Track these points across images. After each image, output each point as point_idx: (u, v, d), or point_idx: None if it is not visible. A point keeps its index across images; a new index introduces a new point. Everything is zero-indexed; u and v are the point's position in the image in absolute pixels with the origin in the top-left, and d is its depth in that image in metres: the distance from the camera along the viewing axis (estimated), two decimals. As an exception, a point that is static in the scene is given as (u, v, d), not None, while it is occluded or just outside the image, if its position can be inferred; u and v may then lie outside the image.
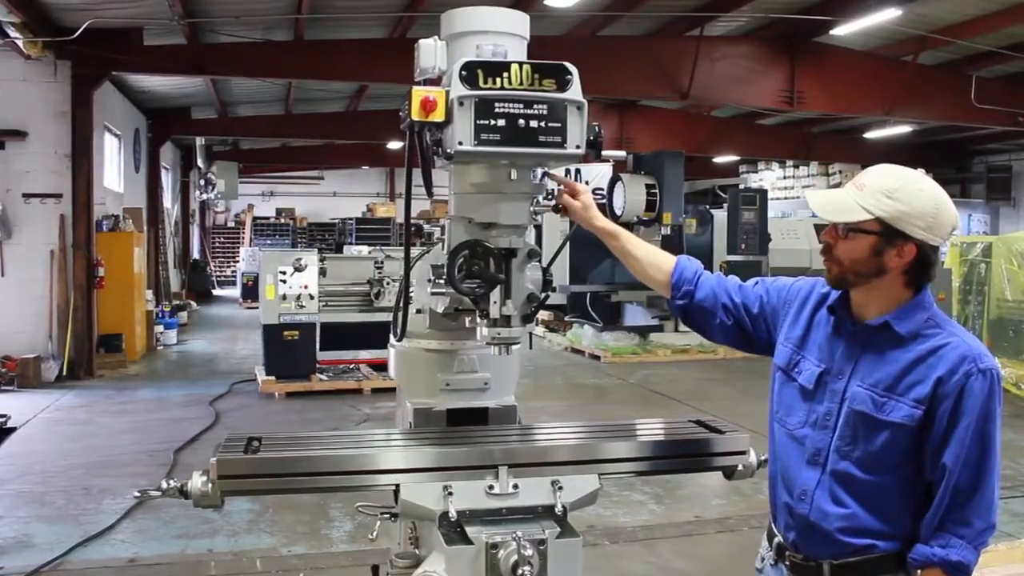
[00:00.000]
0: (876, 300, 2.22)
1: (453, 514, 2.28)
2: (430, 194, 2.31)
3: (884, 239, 2.13)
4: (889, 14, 11.77)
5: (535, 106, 2.20)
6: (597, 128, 2.34)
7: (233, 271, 27.96)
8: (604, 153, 2.43)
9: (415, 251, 2.81)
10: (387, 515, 2.54)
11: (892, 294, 2.20)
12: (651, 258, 2.60)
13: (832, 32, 13.11)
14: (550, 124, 2.21)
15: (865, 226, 2.14)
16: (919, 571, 2.13)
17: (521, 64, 2.21)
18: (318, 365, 11.06)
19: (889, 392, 2.15)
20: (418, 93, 2.18)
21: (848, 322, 2.27)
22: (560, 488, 2.38)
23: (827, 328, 2.31)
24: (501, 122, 2.17)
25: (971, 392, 2.08)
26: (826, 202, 2.23)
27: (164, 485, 2.33)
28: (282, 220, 30.34)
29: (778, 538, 2.38)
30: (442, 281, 2.39)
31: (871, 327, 2.21)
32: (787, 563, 2.33)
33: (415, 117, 2.18)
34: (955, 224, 2.20)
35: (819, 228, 14.14)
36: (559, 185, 2.52)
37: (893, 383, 2.15)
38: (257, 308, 11.83)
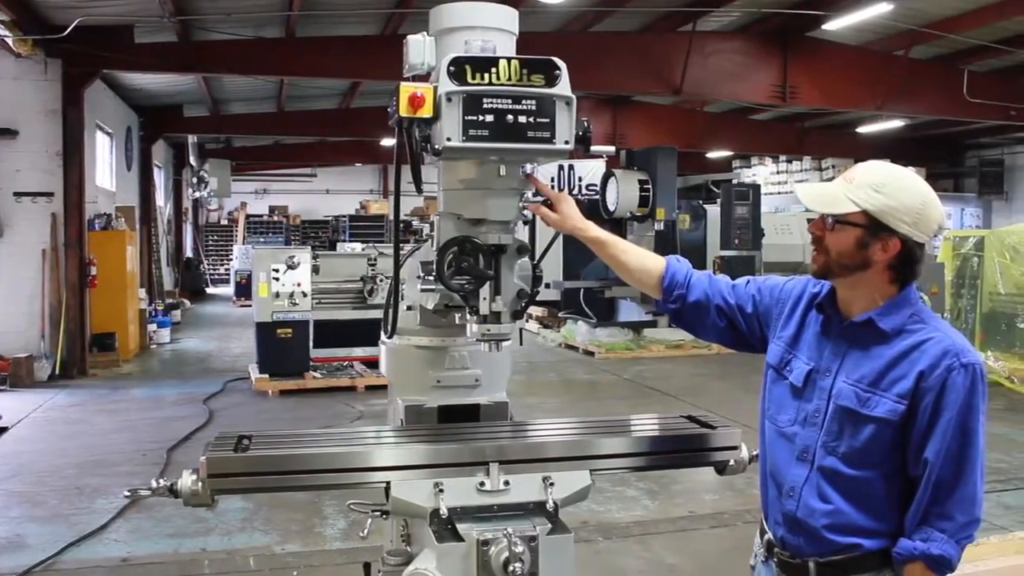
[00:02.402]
0: (861, 296, 2.23)
1: (444, 511, 2.28)
2: (419, 190, 2.30)
3: (869, 232, 2.15)
4: (881, 8, 11.79)
5: (523, 101, 2.19)
6: (586, 123, 2.33)
7: (226, 269, 27.92)
8: (593, 148, 2.42)
9: (406, 248, 2.80)
10: (379, 513, 2.54)
11: (877, 289, 2.22)
12: (640, 262, 2.57)
13: (824, 27, 13.12)
14: (539, 119, 2.20)
15: (851, 218, 2.16)
16: (903, 566, 2.14)
17: (509, 60, 2.21)
18: (311, 363, 11.06)
19: (873, 388, 2.17)
20: (406, 89, 2.18)
21: (835, 319, 2.29)
22: (551, 484, 2.38)
23: (816, 327, 2.33)
24: (489, 118, 2.17)
25: (953, 386, 2.09)
26: (815, 194, 2.25)
27: (154, 484, 2.33)
28: (275, 218, 30.29)
29: (768, 535, 2.39)
30: (432, 278, 2.39)
31: (856, 324, 2.23)
32: (776, 560, 2.35)
33: (403, 113, 2.18)
34: (941, 223, 2.22)
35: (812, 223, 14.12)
36: (536, 194, 2.51)
37: (877, 378, 2.17)
38: (250, 306, 11.84)
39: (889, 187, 2.15)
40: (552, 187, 2.56)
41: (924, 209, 2.16)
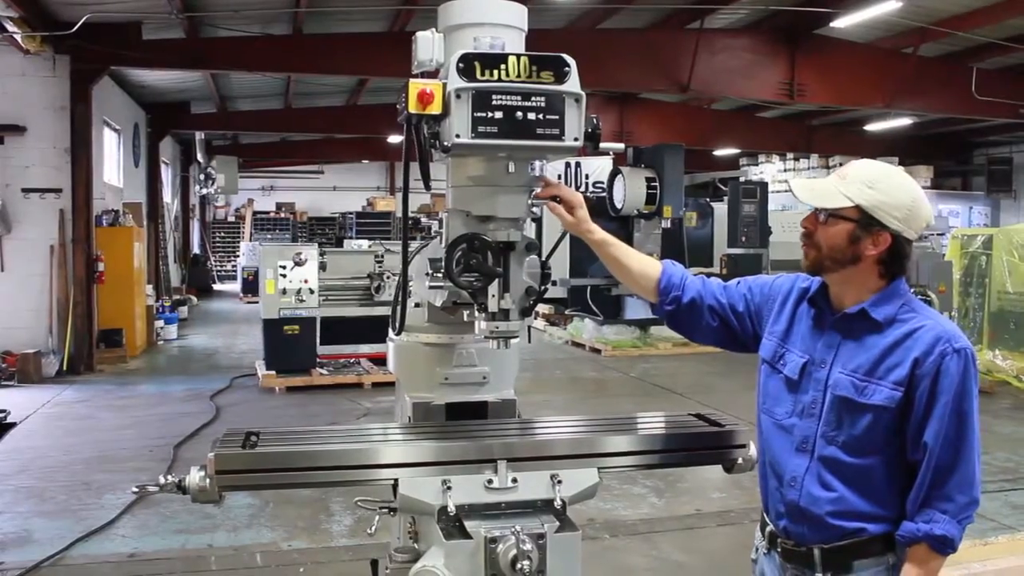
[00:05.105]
0: (852, 290, 2.29)
1: (452, 508, 2.27)
2: (428, 187, 2.30)
3: (861, 227, 2.22)
4: (889, 6, 11.76)
5: (533, 98, 2.18)
6: (595, 120, 2.33)
7: (233, 266, 27.96)
8: (602, 145, 2.41)
9: (414, 245, 2.80)
10: (386, 510, 2.54)
11: (867, 284, 2.28)
12: (640, 266, 2.61)
13: (832, 24, 13.07)
14: (548, 116, 2.19)
15: (844, 213, 2.23)
16: (907, 548, 2.19)
17: (519, 56, 2.20)
18: (318, 359, 11.06)
19: (869, 376, 2.22)
20: (415, 86, 2.17)
21: (828, 312, 2.34)
22: (559, 482, 2.38)
23: (808, 320, 2.39)
24: (499, 114, 2.16)
25: (947, 371, 2.15)
26: (809, 188, 2.31)
27: (163, 480, 2.33)
28: (282, 214, 30.29)
29: (770, 527, 2.43)
30: (440, 275, 2.38)
31: (849, 315, 2.29)
32: (779, 550, 2.39)
33: (412, 110, 2.17)
34: (930, 220, 2.30)
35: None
36: (551, 198, 2.50)
37: (872, 367, 2.22)
38: (257, 303, 11.83)
39: (881, 184, 2.22)
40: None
41: (914, 206, 2.23)
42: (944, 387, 2.14)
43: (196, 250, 27.23)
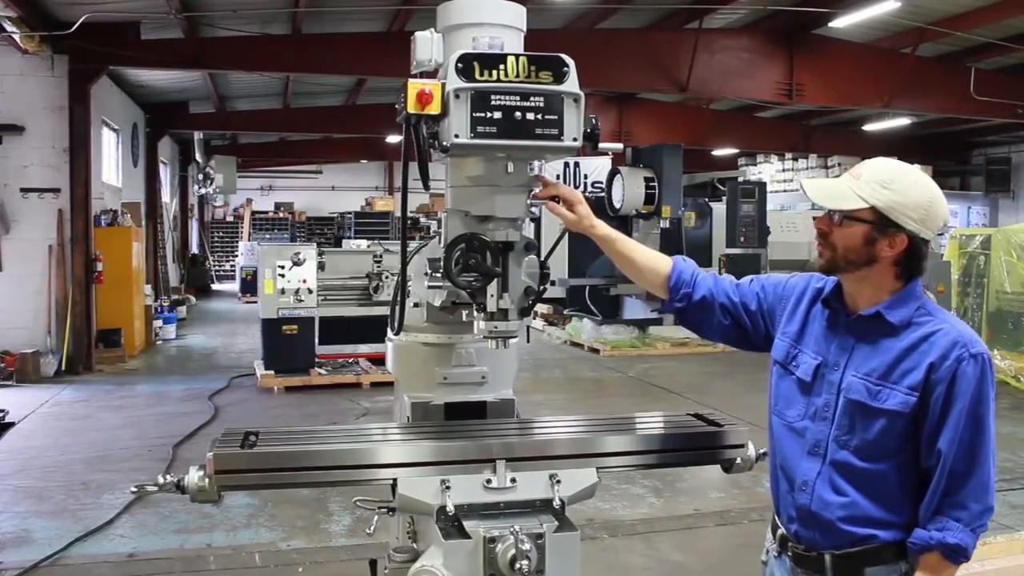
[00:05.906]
0: (867, 291, 2.25)
1: (451, 508, 2.27)
2: (427, 187, 2.30)
3: (877, 228, 2.16)
4: (887, 6, 11.76)
5: (531, 98, 2.18)
6: (594, 120, 2.32)
7: (232, 265, 27.96)
8: (601, 145, 2.41)
9: (413, 245, 2.80)
10: (385, 509, 2.53)
11: (883, 285, 2.23)
12: (648, 262, 2.58)
13: (831, 24, 13.09)
14: (547, 116, 2.19)
15: (859, 214, 2.17)
16: (919, 556, 2.15)
17: (517, 56, 2.20)
18: (317, 359, 11.05)
19: (883, 380, 2.18)
20: (414, 86, 2.17)
21: (842, 314, 2.30)
22: (558, 482, 2.38)
23: (822, 321, 2.34)
24: (497, 115, 2.16)
25: (963, 376, 2.11)
26: (822, 189, 2.26)
27: (161, 480, 2.32)
28: (281, 214, 30.25)
29: (781, 530, 2.40)
30: (439, 275, 2.38)
31: (864, 317, 2.24)
32: (790, 554, 2.36)
33: (411, 110, 2.17)
34: (946, 219, 2.24)
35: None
36: (550, 198, 2.49)
37: (887, 371, 2.18)
38: (256, 302, 11.83)
39: (897, 183, 2.16)
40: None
41: (931, 206, 2.17)
42: (960, 393, 2.10)
43: (195, 250, 27.24)
